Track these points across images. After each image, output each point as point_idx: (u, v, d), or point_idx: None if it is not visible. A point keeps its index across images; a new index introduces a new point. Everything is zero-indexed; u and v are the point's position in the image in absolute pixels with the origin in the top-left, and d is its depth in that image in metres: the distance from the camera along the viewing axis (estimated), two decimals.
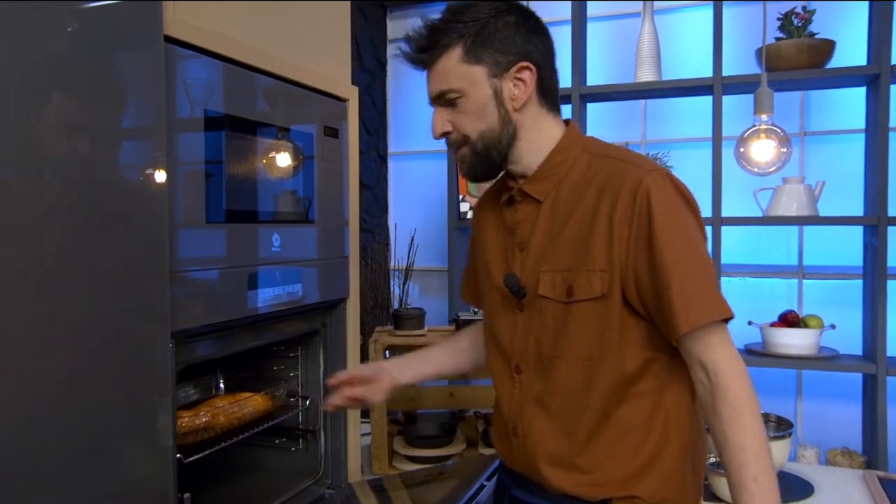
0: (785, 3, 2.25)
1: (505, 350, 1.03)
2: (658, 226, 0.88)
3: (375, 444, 1.56)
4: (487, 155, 0.98)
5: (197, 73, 0.99)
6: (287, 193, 1.23)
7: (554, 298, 0.95)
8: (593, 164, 0.98)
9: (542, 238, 0.98)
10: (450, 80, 0.96)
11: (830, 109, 2.31)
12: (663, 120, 2.51)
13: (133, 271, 0.84)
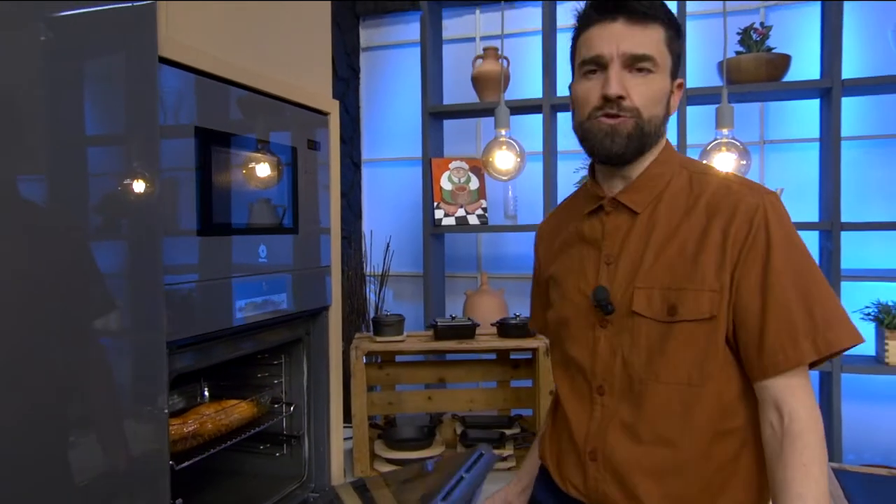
0: (744, 19, 2.39)
1: (584, 370, 0.97)
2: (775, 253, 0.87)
3: (357, 448, 1.61)
4: (644, 139, 0.94)
5: (188, 91, 1.04)
6: (271, 205, 1.27)
7: (650, 317, 0.91)
8: (695, 180, 0.97)
9: (635, 252, 0.95)
10: (655, 48, 0.93)
11: (788, 119, 2.45)
12: None
13: (127, 282, 0.88)
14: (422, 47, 2.51)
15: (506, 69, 2.44)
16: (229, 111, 1.15)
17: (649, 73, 0.94)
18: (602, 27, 0.93)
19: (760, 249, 0.88)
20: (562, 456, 1.01)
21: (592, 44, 0.95)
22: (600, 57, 0.93)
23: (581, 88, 0.97)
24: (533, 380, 1.80)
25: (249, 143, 1.20)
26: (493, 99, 2.47)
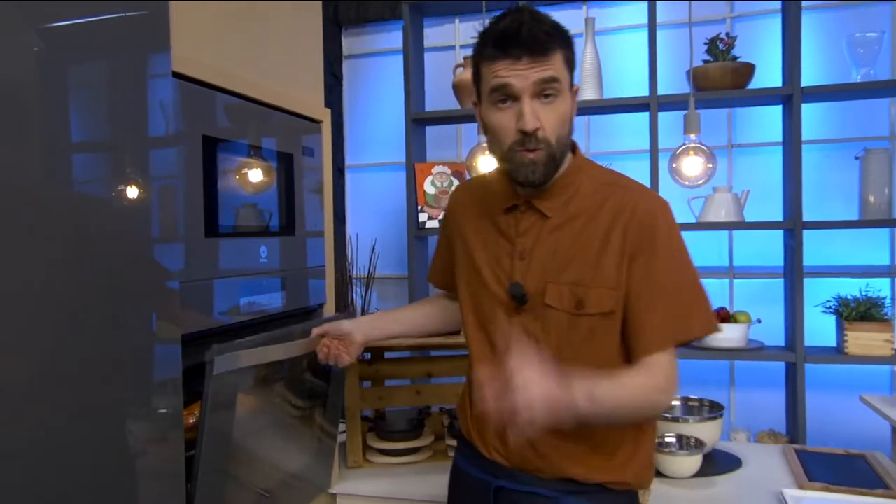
0: (711, 29, 2.53)
1: (499, 352, 1.06)
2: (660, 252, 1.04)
3: (350, 440, 1.70)
4: (557, 162, 1.06)
5: (198, 103, 1.13)
6: (269, 209, 1.36)
7: (561, 309, 1.05)
8: (600, 190, 1.09)
9: (547, 251, 1.07)
10: (559, 71, 1.01)
11: (753, 124, 2.60)
12: (605, 133, 2.75)
13: (144, 279, 0.97)
14: (404, 56, 2.61)
15: None
16: (233, 119, 1.24)
17: (555, 96, 1.03)
18: (510, 63, 1.00)
19: (647, 252, 1.04)
20: (481, 424, 1.15)
21: (500, 74, 1.01)
22: (510, 87, 1.01)
23: (495, 119, 1.04)
24: None
25: (248, 150, 1.29)
26: (471, 106, 2.57)
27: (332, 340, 1.29)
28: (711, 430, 1.69)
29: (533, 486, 1.11)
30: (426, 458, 1.78)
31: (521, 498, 1.12)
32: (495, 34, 1.02)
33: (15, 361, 0.76)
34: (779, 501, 1.45)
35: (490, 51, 1.02)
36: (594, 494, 1.10)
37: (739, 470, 1.65)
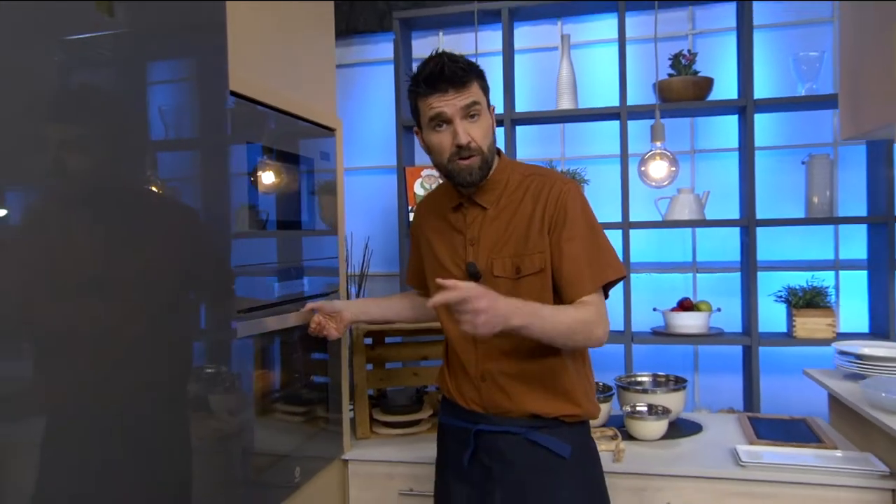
0: (675, 45, 2.83)
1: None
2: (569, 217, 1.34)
3: (359, 413, 1.93)
4: (488, 165, 1.36)
5: (244, 115, 1.35)
6: (296, 207, 1.59)
7: (505, 276, 1.35)
8: (524, 181, 1.39)
9: (490, 236, 1.38)
10: (477, 95, 1.31)
11: (713, 131, 2.90)
12: (579, 140, 3.02)
13: (211, 266, 1.19)
14: (395, 67, 2.85)
15: None
16: (267, 128, 1.47)
17: (478, 115, 1.33)
18: (439, 96, 1.29)
19: (560, 222, 1.34)
20: (460, 383, 1.44)
21: (434, 106, 1.30)
22: (443, 114, 1.30)
23: (435, 139, 1.34)
24: None
25: (278, 155, 1.52)
26: None
27: (324, 316, 1.57)
28: (676, 400, 1.96)
29: (504, 426, 1.38)
30: (426, 430, 2.02)
31: (496, 436, 1.38)
32: (425, 76, 1.31)
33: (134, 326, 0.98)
34: (732, 455, 1.72)
35: (423, 89, 1.32)
36: (554, 428, 1.37)
37: (700, 433, 1.92)
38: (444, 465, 1.50)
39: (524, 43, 3.04)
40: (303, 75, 1.69)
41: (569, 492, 1.36)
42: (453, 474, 1.46)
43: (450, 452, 1.48)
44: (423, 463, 1.84)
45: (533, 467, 1.37)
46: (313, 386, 1.74)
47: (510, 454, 1.37)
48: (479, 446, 1.40)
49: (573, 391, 1.39)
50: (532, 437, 1.37)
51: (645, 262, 2.92)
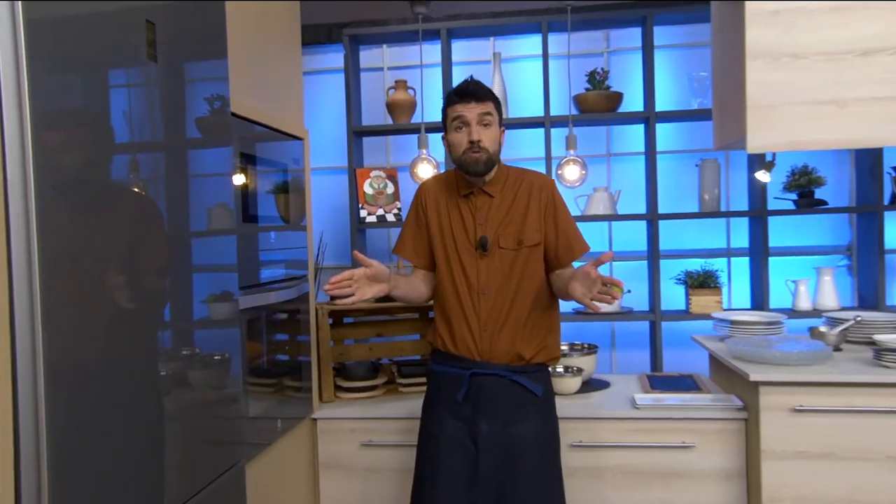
0: (593, 62, 3.32)
1: (471, 282, 1.79)
2: (559, 206, 1.82)
3: (325, 379, 2.30)
4: (491, 163, 1.79)
5: (238, 129, 1.70)
6: (274, 206, 1.95)
7: (508, 248, 1.79)
8: (518, 176, 1.86)
9: (495, 216, 1.81)
10: (491, 110, 1.77)
11: (624, 138, 3.40)
12: (509, 144, 3.46)
13: (222, 252, 1.54)
14: (346, 78, 3.21)
15: (413, 97, 3.21)
16: (253, 140, 1.82)
17: (490, 125, 1.77)
18: (464, 104, 1.76)
19: (552, 208, 1.83)
20: (455, 335, 1.81)
21: (458, 112, 1.77)
22: (464, 117, 1.76)
23: (455, 137, 1.78)
24: None
25: (259, 161, 1.87)
26: (403, 121, 3.22)
27: (362, 278, 1.72)
28: (589, 362, 2.42)
29: (493, 370, 1.77)
30: (381, 394, 2.40)
31: (487, 379, 1.77)
32: (457, 90, 1.79)
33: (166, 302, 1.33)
34: (630, 402, 2.19)
35: (453, 98, 1.79)
36: (532, 374, 1.80)
37: (608, 388, 2.39)
38: (437, 403, 1.84)
39: (461, 56, 3.46)
40: (279, 92, 2.05)
41: (535, 423, 1.78)
42: (445, 410, 1.81)
43: (443, 393, 1.82)
44: (380, 419, 2.23)
45: (511, 402, 1.77)
46: (288, 359, 2.10)
47: (495, 392, 1.77)
48: (472, 387, 1.78)
49: (551, 339, 1.84)
50: (513, 378, 1.77)
51: None
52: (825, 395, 1.93)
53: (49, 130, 1.04)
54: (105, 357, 1.16)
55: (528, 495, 1.75)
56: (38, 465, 1.02)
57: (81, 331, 1.11)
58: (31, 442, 1.01)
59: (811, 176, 2.98)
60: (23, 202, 1.00)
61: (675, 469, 2.09)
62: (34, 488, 1.01)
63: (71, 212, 1.10)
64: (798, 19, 2.01)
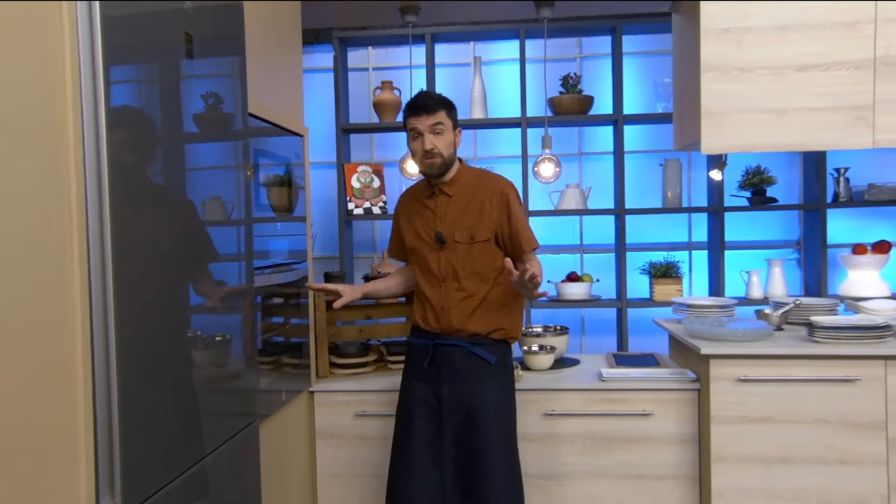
0: (567, 66, 3.60)
1: (433, 271, 2.11)
2: (512, 207, 2.08)
3: (321, 356, 2.54)
4: (446, 166, 2.07)
5: (255, 130, 1.93)
6: (279, 198, 2.18)
7: (462, 242, 2.07)
8: (476, 178, 2.14)
9: (451, 213, 2.09)
10: (442, 119, 2.04)
11: (595, 138, 3.69)
12: (489, 143, 3.74)
13: (240, 240, 1.77)
14: (335, 79, 3.44)
15: (398, 97, 3.45)
16: (262, 136, 2.05)
17: (441, 133, 2.06)
18: (416, 117, 2.05)
19: (506, 208, 2.09)
20: (426, 314, 2.14)
21: (413, 125, 2.05)
22: (417, 129, 2.05)
23: (413, 145, 2.08)
24: None
25: (269, 156, 2.11)
26: (388, 120, 3.46)
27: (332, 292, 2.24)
28: (560, 341, 2.70)
29: (453, 341, 2.09)
30: (372, 370, 2.65)
31: (449, 349, 2.08)
32: (410, 104, 2.07)
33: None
34: (598, 376, 2.47)
35: (408, 112, 2.08)
36: (488, 346, 2.09)
37: (578, 365, 2.67)
38: (410, 370, 2.17)
39: (444, 58, 3.71)
40: (284, 92, 2.27)
41: (490, 387, 2.08)
42: (415, 376, 2.14)
43: (415, 361, 2.16)
44: (371, 391, 2.48)
45: (469, 369, 2.07)
46: (290, 339, 2.33)
47: (456, 360, 2.08)
48: (435, 355, 2.10)
49: (503, 318, 2.12)
50: (470, 348, 2.08)
51: (541, 244, 3.67)
52: (765, 367, 2.23)
53: (119, 126, 1.27)
54: (158, 333, 1.40)
55: (487, 448, 2.03)
56: (110, 414, 1.25)
57: (145, 309, 1.35)
58: (104, 394, 1.25)
59: (763, 175, 3.30)
60: (97, 190, 1.23)
61: (637, 434, 2.38)
62: (107, 431, 1.25)
63: (136, 204, 1.33)
64: (746, 37, 2.31)
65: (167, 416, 1.43)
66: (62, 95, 1.19)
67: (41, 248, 1.15)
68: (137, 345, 1.32)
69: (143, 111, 1.39)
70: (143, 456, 1.33)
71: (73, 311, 1.21)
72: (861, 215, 3.47)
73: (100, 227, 1.24)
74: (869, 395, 2.17)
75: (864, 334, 2.22)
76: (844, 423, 2.19)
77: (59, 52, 1.19)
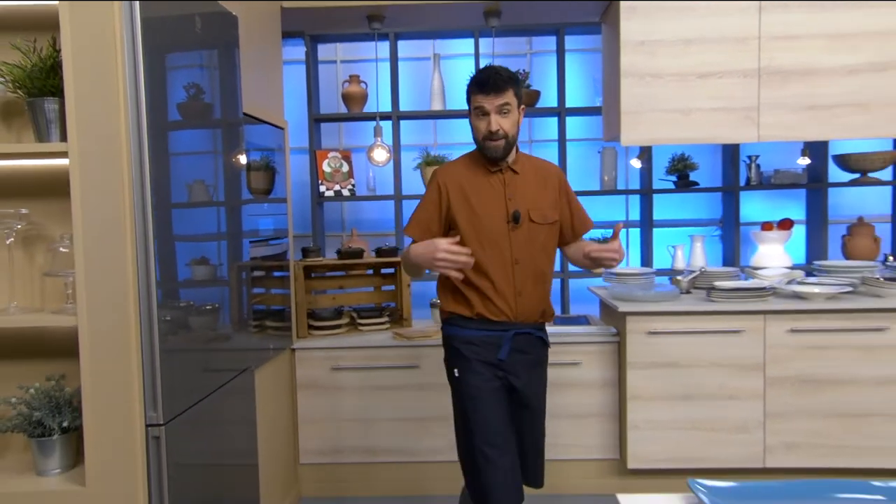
0: (517, 63, 4.07)
1: (504, 252, 1.99)
2: (570, 192, 2.16)
3: (299, 321, 3.00)
4: (510, 148, 2.00)
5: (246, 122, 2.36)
6: (265, 182, 2.62)
7: (538, 222, 2.02)
8: (531, 161, 2.11)
9: (524, 193, 2.03)
10: (510, 98, 1.96)
11: (544, 128, 4.19)
12: (448, 132, 4.21)
13: (237, 221, 2.21)
14: (307, 73, 3.86)
15: (364, 90, 3.89)
16: (251, 130, 2.48)
17: (508, 112, 1.98)
18: (483, 95, 1.96)
19: (566, 192, 2.14)
20: (493, 302, 2.02)
21: (479, 102, 1.97)
22: (484, 108, 1.97)
23: (477, 123, 2.00)
24: (395, 285, 3.29)
25: (256, 147, 2.54)
26: (356, 110, 3.90)
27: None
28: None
29: (526, 329, 2.06)
30: (345, 331, 3.13)
31: (523, 336, 2.06)
32: (477, 81, 1.99)
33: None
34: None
35: (475, 88, 2.00)
36: (542, 328, 2.13)
37: None
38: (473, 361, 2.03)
39: (407, 53, 4.15)
40: (268, 89, 2.70)
41: (544, 369, 2.19)
42: (484, 366, 2.03)
43: (480, 354, 2.04)
44: (345, 348, 2.95)
45: (537, 353, 2.12)
46: (274, 305, 2.78)
47: (527, 346, 2.08)
48: (512, 345, 2.04)
49: (550, 301, 2.17)
50: (537, 334, 2.11)
51: None
52: (671, 322, 2.77)
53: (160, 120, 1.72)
54: (188, 294, 1.85)
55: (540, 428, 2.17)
56: (152, 347, 1.71)
57: (180, 273, 1.80)
58: (147, 338, 1.70)
59: (687, 162, 3.84)
60: (139, 170, 1.67)
61: (568, 381, 2.91)
62: (150, 365, 1.71)
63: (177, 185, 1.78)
64: (658, 49, 2.82)
65: (191, 359, 1.89)
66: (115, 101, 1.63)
67: (109, 229, 1.60)
68: (171, 305, 1.77)
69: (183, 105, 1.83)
70: (176, 384, 1.78)
71: (128, 283, 1.66)
72: (772, 197, 4.05)
73: (142, 219, 1.68)
74: (752, 343, 2.74)
75: (750, 295, 2.78)
76: (733, 366, 2.75)
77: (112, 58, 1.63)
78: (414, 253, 2.01)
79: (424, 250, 1.96)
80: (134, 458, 1.67)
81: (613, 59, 2.98)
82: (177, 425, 1.76)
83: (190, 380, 1.87)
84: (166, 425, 1.71)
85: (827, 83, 2.80)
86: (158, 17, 1.72)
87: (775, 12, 2.78)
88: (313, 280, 3.19)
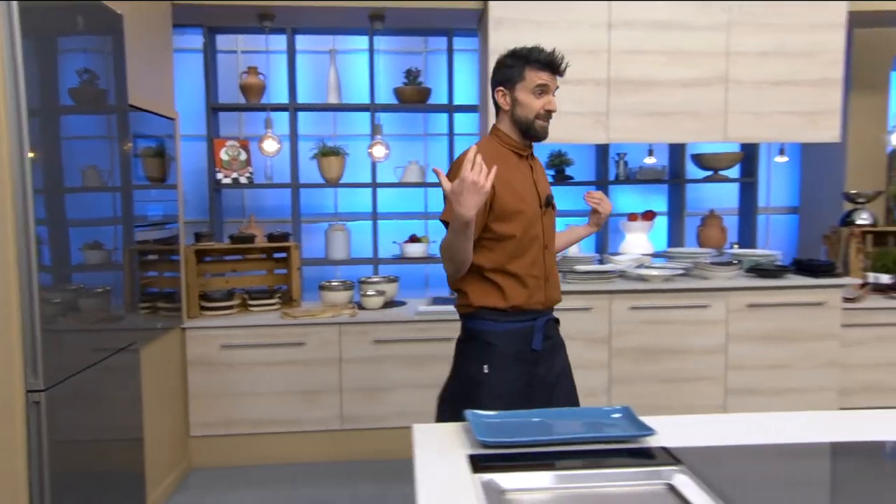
0: (413, 60, 4.35)
1: (538, 237, 1.97)
2: None
3: (189, 301, 3.20)
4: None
5: (138, 120, 2.54)
6: (157, 168, 2.80)
7: (555, 206, 2.08)
8: None
9: (540, 176, 2.06)
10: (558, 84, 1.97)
11: (437, 122, 4.50)
12: (343, 123, 4.45)
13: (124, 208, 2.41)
14: (205, 63, 4.01)
15: (262, 81, 4.08)
16: (143, 122, 2.66)
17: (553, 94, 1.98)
18: (549, 74, 1.94)
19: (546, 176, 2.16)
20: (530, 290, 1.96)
21: (544, 80, 1.93)
22: (548, 87, 1.95)
23: (532, 101, 1.93)
24: (287, 268, 3.53)
25: (154, 138, 2.72)
26: (254, 101, 4.08)
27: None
28: (391, 287, 3.52)
29: (550, 314, 2.05)
30: (236, 312, 3.34)
31: (551, 322, 2.05)
32: (546, 57, 1.94)
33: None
34: (416, 312, 3.29)
35: (539, 66, 1.94)
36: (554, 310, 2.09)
37: (404, 306, 3.50)
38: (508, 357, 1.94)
39: (305, 46, 4.36)
40: (158, 83, 2.88)
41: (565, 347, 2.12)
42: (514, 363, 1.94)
43: (514, 346, 1.94)
44: (234, 327, 3.18)
45: (557, 335, 2.08)
46: (165, 287, 2.97)
47: (552, 331, 2.06)
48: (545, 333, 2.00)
49: None
50: (554, 317, 2.09)
51: (390, 211, 4.45)
52: None
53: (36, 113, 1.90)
54: (75, 273, 2.04)
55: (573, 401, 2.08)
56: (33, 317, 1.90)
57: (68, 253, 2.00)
58: (28, 311, 1.89)
59: (563, 158, 4.24)
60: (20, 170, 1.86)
61: (442, 354, 3.22)
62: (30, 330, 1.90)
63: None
64: None
65: (75, 327, 2.08)
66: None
67: None
68: (56, 278, 1.96)
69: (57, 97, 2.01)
70: (58, 354, 1.97)
71: (8, 256, 1.85)
72: (640, 191, 4.52)
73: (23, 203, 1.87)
74: (599, 319, 3.14)
75: (598, 277, 3.18)
76: (585, 340, 3.15)
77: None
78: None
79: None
80: (14, 424, 1.86)
81: (485, 64, 3.31)
82: (58, 393, 1.95)
83: (73, 351, 2.07)
84: (46, 391, 1.90)
85: (667, 93, 3.23)
86: (39, 12, 1.90)
87: (623, 29, 3.17)
88: (207, 264, 3.39)
